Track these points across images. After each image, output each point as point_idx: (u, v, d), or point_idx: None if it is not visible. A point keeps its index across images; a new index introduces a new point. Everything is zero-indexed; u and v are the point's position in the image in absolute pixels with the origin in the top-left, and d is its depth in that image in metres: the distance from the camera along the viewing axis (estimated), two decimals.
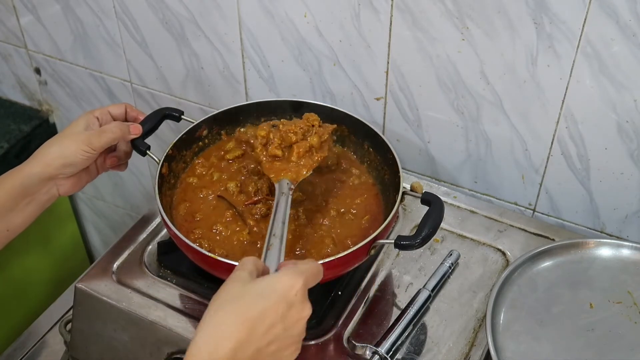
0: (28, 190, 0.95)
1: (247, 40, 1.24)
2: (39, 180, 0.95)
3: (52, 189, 0.97)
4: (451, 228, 1.09)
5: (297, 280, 0.72)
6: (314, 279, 0.75)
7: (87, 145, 0.95)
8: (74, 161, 0.95)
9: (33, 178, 0.94)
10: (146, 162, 1.59)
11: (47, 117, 1.65)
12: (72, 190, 0.99)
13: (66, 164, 0.95)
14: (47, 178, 0.95)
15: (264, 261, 0.80)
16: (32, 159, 0.96)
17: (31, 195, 0.95)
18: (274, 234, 0.84)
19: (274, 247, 0.82)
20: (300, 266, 0.74)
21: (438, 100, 1.13)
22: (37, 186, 0.95)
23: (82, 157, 0.95)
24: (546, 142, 1.09)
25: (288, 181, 0.95)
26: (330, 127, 1.01)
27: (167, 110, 1.07)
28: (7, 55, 1.59)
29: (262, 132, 0.99)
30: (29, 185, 0.95)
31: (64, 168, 0.95)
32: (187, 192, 1.04)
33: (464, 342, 0.94)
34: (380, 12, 1.08)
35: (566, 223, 1.16)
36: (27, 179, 0.94)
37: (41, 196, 0.97)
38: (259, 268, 0.75)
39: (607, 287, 0.96)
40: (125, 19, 1.34)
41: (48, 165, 0.95)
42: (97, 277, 1.01)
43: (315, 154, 0.98)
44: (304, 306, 0.72)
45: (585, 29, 0.96)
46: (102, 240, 1.90)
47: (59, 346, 1.09)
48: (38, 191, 0.96)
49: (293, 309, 0.71)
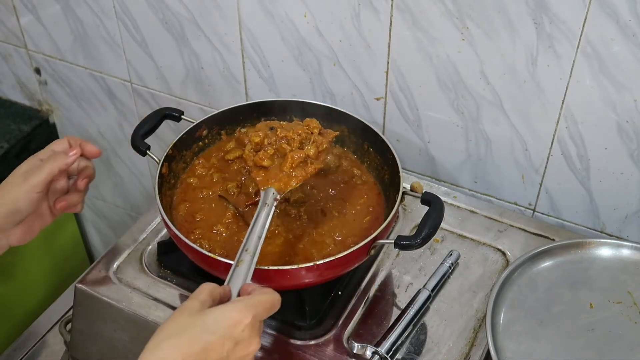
0: None
1: (247, 40, 1.24)
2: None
3: (1, 240, 0.91)
4: (451, 228, 1.09)
5: (245, 315, 0.70)
6: (267, 312, 0.73)
7: (28, 185, 0.89)
8: (19, 206, 0.89)
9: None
10: (146, 162, 1.59)
11: (47, 117, 1.65)
12: (25, 239, 0.93)
13: (12, 211, 0.89)
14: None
15: (228, 281, 0.78)
16: None
17: None
18: (246, 249, 0.81)
19: (243, 264, 0.80)
20: (254, 298, 0.73)
21: (438, 100, 1.13)
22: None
23: (26, 199, 0.89)
24: (546, 142, 1.09)
25: (274, 191, 0.90)
26: (331, 135, 0.97)
27: (167, 110, 1.07)
28: (7, 55, 1.59)
29: (256, 139, 0.94)
30: None
31: (11, 216, 0.89)
32: (188, 193, 1.04)
33: (464, 342, 0.94)
34: (380, 12, 1.08)
35: (566, 223, 1.16)
36: None
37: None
38: (214, 297, 0.73)
39: (607, 287, 0.96)
40: (125, 19, 1.34)
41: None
42: (97, 277, 1.01)
43: (310, 165, 0.93)
44: (250, 342, 0.70)
45: (585, 29, 0.96)
46: (102, 240, 1.90)
47: (59, 346, 1.09)
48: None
49: (239, 345, 0.69)
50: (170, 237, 0.94)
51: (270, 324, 0.95)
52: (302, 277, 0.88)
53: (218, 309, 0.71)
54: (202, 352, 0.67)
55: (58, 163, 0.91)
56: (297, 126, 0.97)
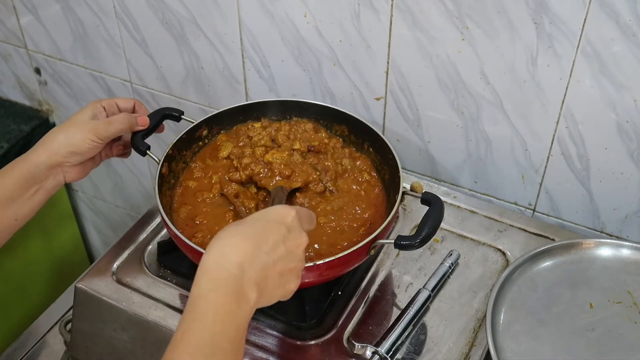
0: (35, 179, 0.95)
1: (247, 40, 1.24)
2: (46, 168, 0.95)
3: (59, 175, 0.97)
4: (451, 228, 1.09)
5: (290, 209, 0.75)
6: (307, 217, 0.77)
7: (95, 135, 0.96)
8: (81, 150, 0.96)
9: (40, 166, 0.95)
10: (146, 162, 1.59)
11: (47, 117, 1.65)
12: (78, 177, 0.99)
13: (73, 153, 0.95)
14: (53, 165, 0.96)
15: None
16: (38, 147, 0.96)
17: (39, 183, 0.95)
18: None
19: None
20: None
21: (438, 100, 1.13)
22: (44, 174, 0.95)
23: (89, 146, 0.96)
24: (546, 142, 1.09)
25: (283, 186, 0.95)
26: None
27: (167, 110, 1.07)
28: (7, 55, 1.59)
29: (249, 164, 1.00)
30: (36, 174, 0.95)
31: (71, 156, 0.96)
32: (187, 196, 1.04)
33: (464, 342, 0.94)
34: (380, 12, 1.08)
35: (566, 223, 1.16)
36: (34, 167, 0.94)
37: (48, 183, 0.97)
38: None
39: (607, 287, 0.96)
40: (125, 19, 1.34)
41: (55, 153, 0.95)
42: (97, 277, 1.01)
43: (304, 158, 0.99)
44: (301, 233, 0.75)
45: (585, 29, 0.96)
46: (102, 240, 1.90)
47: (59, 346, 1.09)
48: (45, 179, 0.96)
49: (292, 232, 0.73)
50: (170, 237, 0.94)
51: (271, 323, 0.95)
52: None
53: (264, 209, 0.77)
54: (262, 234, 0.71)
55: (129, 126, 1.00)
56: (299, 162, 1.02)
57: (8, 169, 0.95)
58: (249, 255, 0.69)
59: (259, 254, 0.70)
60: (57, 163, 0.95)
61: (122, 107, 1.03)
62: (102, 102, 1.01)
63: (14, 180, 0.94)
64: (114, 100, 1.03)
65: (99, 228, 1.88)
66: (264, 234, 0.71)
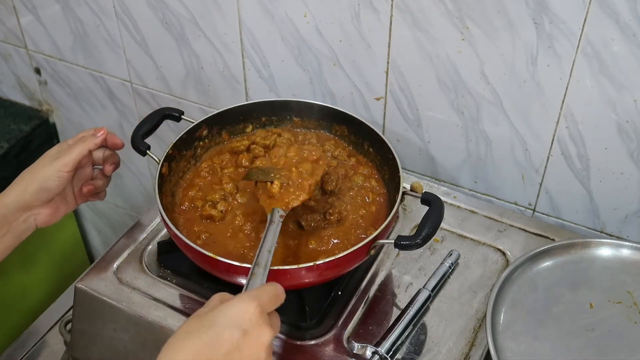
0: (5, 220, 0.94)
1: (247, 40, 1.24)
2: (16, 209, 0.95)
3: (29, 218, 0.97)
4: (451, 228, 1.09)
5: (249, 304, 0.69)
6: (272, 302, 0.72)
7: (59, 164, 0.95)
8: (48, 184, 0.95)
9: (9, 207, 0.94)
10: (146, 162, 1.59)
11: (47, 117, 1.65)
12: (50, 220, 0.98)
13: (41, 189, 0.95)
14: (23, 207, 0.95)
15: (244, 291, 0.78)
16: (8, 189, 0.96)
17: (8, 225, 0.95)
18: (257, 263, 0.82)
19: (256, 276, 0.80)
20: (256, 290, 0.73)
21: (438, 100, 1.13)
22: (14, 215, 0.95)
23: (56, 178, 0.95)
24: (546, 142, 1.09)
25: (281, 210, 0.92)
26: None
27: (167, 110, 1.07)
28: (7, 55, 1.59)
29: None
30: (5, 215, 0.94)
31: (39, 193, 0.95)
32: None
33: (464, 342, 0.94)
34: (380, 12, 1.08)
35: (566, 223, 1.16)
36: (3, 208, 0.94)
37: (18, 226, 0.96)
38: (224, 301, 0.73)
39: (607, 287, 0.96)
40: (125, 19, 1.34)
41: (23, 191, 0.94)
42: (97, 277, 1.01)
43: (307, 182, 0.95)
44: (261, 331, 0.69)
45: (585, 29, 0.96)
46: (102, 240, 1.90)
47: (59, 346, 1.09)
48: (15, 220, 0.95)
49: (249, 335, 0.68)
50: (170, 237, 0.94)
51: None
52: (302, 277, 0.88)
53: (223, 305, 0.71)
54: (212, 345, 0.67)
55: (88, 144, 0.98)
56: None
57: None
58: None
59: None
60: (25, 204, 0.95)
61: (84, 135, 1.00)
62: (67, 141, 1.00)
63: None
64: (78, 135, 1.01)
65: (99, 228, 1.88)
66: (215, 345, 0.67)
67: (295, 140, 1.10)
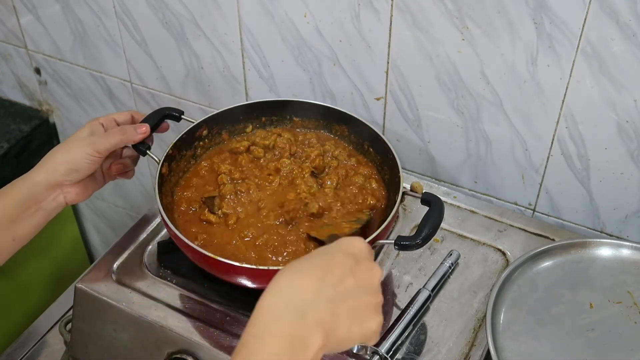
0: (34, 199, 0.94)
1: (247, 40, 1.24)
2: (45, 187, 0.94)
3: (59, 196, 0.96)
4: (451, 228, 1.09)
5: (359, 240, 0.70)
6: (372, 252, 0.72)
7: (93, 149, 0.95)
8: (80, 166, 0.95)
9: (39, 186, 0.94)
10: (146, 162, 1.59)
11: (47, 117, 1.65)
12: (79, 198, 0.98)
13: (72, 170, 0.95)
14: (53, 185, 0.95)
15: None
16: (38, 166, 0.95)
17: (38, 204, 0.95)
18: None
19: None
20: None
21: (438, 100, 1.13)
22: (44, 194, 0.95)
23: (88, 161, 0.95)
24: (546, 142, 1.09)
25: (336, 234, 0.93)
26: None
27: (167, 110, 1.07)
28: (7, 55, 1.59)
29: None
30: (35, 193, 0.94)
31: (70, 174, 0.95)
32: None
33: (464, 342, 0.94)
34: (380, 12, 1.08)
35: (566, 223, 1.16)
36: (33, 186, 0.94)
37: (48, 204, 0.96)
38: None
39: (607, 287, 0.96)
40: (125, 19, 1.34)
41: (54, 171, 0.94)
42: (97, 277, 1.01)
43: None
44: (372, 264, 0.69)
45: (585, 29, 0.96)
46: (102, 240, 1.90)
47: (59, 346, 1.09)
48: (44, 199, 0.95)
49: (361, 263, 0.67)
50: (170, 237, 0.94)
51: None
52: None
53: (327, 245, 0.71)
54: (326, 268, 0.65)
55: (127, 137, 0.99)
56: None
57: (7, 188, 0.94)
58: (312, 293, 0.63)
59: (323, 288, 0.63)
60: (55, 182, 0.94)
61: (120, 121, 1.02)
62: (100, 119, 1.00)
63: (12, 200, 0.93)
64: (112, 116, 1.02)
65: (99, 228, 1.88)
66: (328, 267, 0.65)
67: (295, 140, 1.10)
